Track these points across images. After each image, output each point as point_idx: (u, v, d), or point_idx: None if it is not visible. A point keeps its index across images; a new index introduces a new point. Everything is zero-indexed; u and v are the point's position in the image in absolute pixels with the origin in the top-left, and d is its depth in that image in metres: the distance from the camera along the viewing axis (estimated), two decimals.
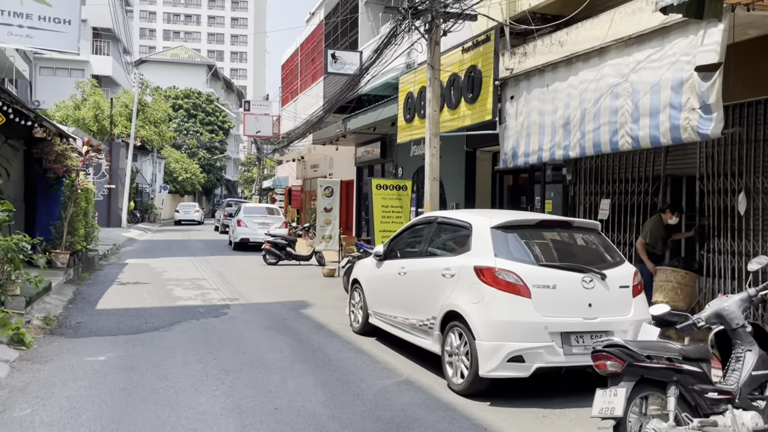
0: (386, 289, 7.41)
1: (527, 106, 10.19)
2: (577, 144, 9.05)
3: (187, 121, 67.30)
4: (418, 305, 6.55)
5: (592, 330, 5.53)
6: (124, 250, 21.69)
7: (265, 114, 33.52)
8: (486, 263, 5.63)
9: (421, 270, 6.59)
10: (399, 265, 7.12)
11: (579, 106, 8.99)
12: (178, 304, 10.51)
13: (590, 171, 10.87)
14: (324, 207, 15.40)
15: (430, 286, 6.35)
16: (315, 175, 28.84)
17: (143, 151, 42.66)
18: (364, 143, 21.22)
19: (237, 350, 7.30)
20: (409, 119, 13.89)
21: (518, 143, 10.46)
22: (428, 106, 10.86)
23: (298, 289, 12.75)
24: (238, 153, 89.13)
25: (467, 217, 6.29)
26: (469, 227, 6.12)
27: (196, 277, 14.25)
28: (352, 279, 8.56)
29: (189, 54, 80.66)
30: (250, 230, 22.06)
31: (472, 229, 6.06)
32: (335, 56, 18.10)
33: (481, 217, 6.17)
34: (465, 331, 5.64)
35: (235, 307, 10.41)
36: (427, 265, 6.54)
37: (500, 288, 5.45)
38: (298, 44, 27.04)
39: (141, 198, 43.98)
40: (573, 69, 9.15)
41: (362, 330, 8.19)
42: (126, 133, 34.02)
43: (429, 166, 10.81)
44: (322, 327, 8.76)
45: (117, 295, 11.41)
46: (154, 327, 8.56)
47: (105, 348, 7.30)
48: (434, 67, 10.77)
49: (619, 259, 6.05)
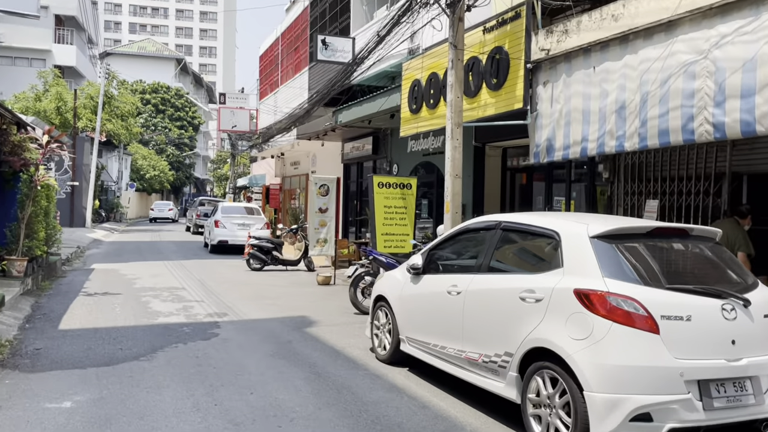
0: (429, 312, 5.94)
1: (567, 90, 8.84)
2: (636, 133, 7.72)
3: (155, 117, 64.78)
4: (482, 336, 5.10)
5: (736, 376, 4.14)
6: (90, 253, 19.82)
7: (240, 108, 31.73)
8: (592, 285, 4.21)
9: (486, 290, 5.13)
10: (448, 282, 5.66)
11: (638, 89, 7.66)
12: (158, 322, 8.90)
13: (632, 168, 9.56)
14: (318, 207, 13.85)
15: (501, 313, 4.90)
16: (295, 173, 27.21)
17: (109, 147, 40.45)
18: (353, 138, 19.70)
19: (241, 390, 5.76)
20: (416, 110, 12.46)
21: (555, 134, 9.10)
22: (450, 91, 9.43)
23: (292, 301, 11.21)
24: (207, 150, 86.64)
25: (551, 223, 4.86)
26: (555, 236, 4.70)
27: (174, 286, 12.59)
28: (377, 295, 7.06)
29: (157, 47, 77.93)
30: (229, 232, 20.40)
31: (560, 239, 4.64)
32: (326, 42, 16.54)
33: (573, 223, 4.75)
34: (564, 377, 4.21)
35: (225, 325, 8.83)
36: (494, 284, 5.08)
37: (617, 320, 4.03)
38: (279, 33, 25.38)
39: (106, 196, 41.74)
40: (630, 47, 7.82)
41: (391, 358, 6.72)
42: (91, 127, 31.89)
43: (451, 161, 9.38)
44: (338, 353, 7.25)
45: (84, 309, 9.74)
46: (132, 355, 6.97)
47: (72, 387, 5.71)
48: (457, 47, 9.35)
49: (752, 280, 4.67)
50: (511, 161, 13.76)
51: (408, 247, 13.05)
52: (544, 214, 5.49)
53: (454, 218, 9.44)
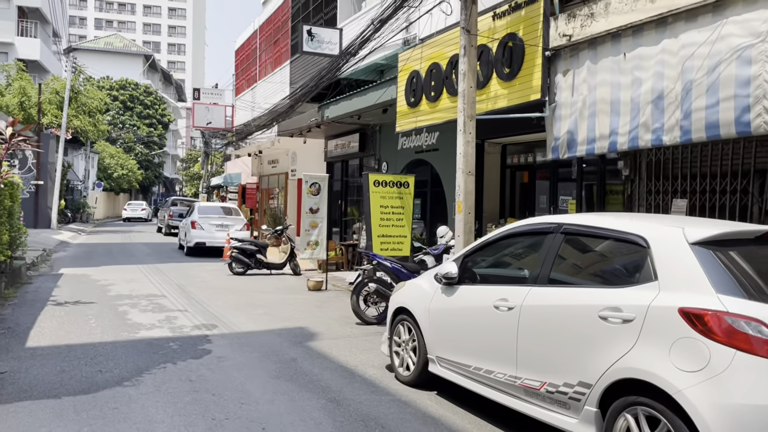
0: (469, 329, 5.10)
1: (592, 79, 8.11)
2: (676, 126, 7.02)
3: (123, 114, 62.85)
4: (545, 361, 4.28)
5: None
6: (57, 257, 18.57)
7: (214, 104, 30.52)
8: (703, 304, 3.42)
9: (550, 306, 4.31)
10: (494, 294, 4.83)
11: (680, 77, 6.96)
12: (141, 336, 7.92)
13: (655, 164, 8.86)
14: (309, 207, 12.92)
15: (572, 334, 4.09)
16: (274, 172, 26.20)
17: (75, 145, 38.83)
18: (337, 135, 18.81)
19: (250, 425, 4.86)
20: (414, 103, 11.66)
21: (577, 127, 8.37)
22: (462, 81, 8.63)
23: (285, 309, 10.29)
24: (176, 149, 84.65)
25: (634, 227, 4.05)
26: (642, 242, 3.90)
27: (153, 294, 11.56)
28: (397, 308, 6.21)
29: (124, 43, 75.76)
30: (207, 233, 19.32)
31: (650, 246, 3.84)
32: (312, 33, 15.64)
33: (664, 226, 3.96)
34: (670, 418, 3.39)
35: (216, 339, 7.89)
36: (560, 299, 4.26)
37: (741, 347, 3.25)
38: (257, 26, 24.33)
39: (72, 196, 40.05)
40: (669, 30, 7.11)
41: (416, 380, 5.88)
42: (56, 124, 30.40)
43: (463, 157, 8.58)
44: (352, 374, 6.37)
45: (54, 321, 8.70)
46: (114, 379, 6.01)
47: (45, 425, 4.75)
48: (470, 32, 8.55)
49: None
50: (511, 159, 13.03)
51: (406, 250, 12.22)
52: (618, 215, 4.69)
53: (467, 219, 8.65)
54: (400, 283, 6.69)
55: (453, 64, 10.43)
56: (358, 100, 14.21)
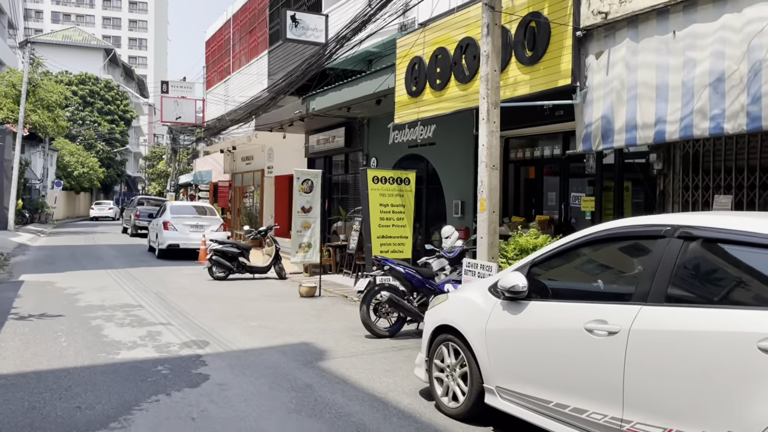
0: (547, 356, 4.14)
1: (633, 59, 7.23)
2: (742, 111, 6.18)
3: (83, 110, 60.45)
4: (670, 402, 3.35)
5: None
6: (16, 261, 17.12)
7: (183, 97, 29.09)
8: None
9: (676, 333, 3.37)
10: (584, 314, 3.88)
11: (745, 57, 6.13)
12: (122, 358, 6.80)
13: (693, 158, 8.07)
14: (301, 206, 11.85)
15: (713, 370, 3.16)
16: (248, 169, 24.97)
17: (33, 142, 36.88)
18: (320, 129, 17.73)
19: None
20: (416, 92, 10.69)
21: (614, 112, 7.49)
22: (485, 64, 7.69)
23: (281, 320, 9.24)
24: (139, 147, 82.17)
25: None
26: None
27: (128, 303, 10.38)
28: (439, 325, 5.23)
29: (84, 36, 73.06)
30: (181, 234, 18.06)
31: None
32: (296, 19, 14.55)
33: None
34: None
35: (212, 360, 6.81)
36: (691, 323, 3.27)
37: None
38: (230, 15, 23.06)
39: (30, 195, 38.04)
40: (731, 4, 6.28)
41: (467, 413, 4.90)
42: (13, 118, 28.61)
43: (487, 149, 7.66)
44: (385, 404, 5.36)
45: (17, 341, 7.52)
46: (97, 418, 4.91)
47: None
48: (495, 9, 7.61)
49: None
50: (515, 153, 12.16)
51: (407, 252, 11.27)
52: (748, 215, 3.78)
53: (491, 218, 7.73)
54: (441, 295, 5.71)
55: (463, 49, 9.51)
56: (348, 91, 13.18)
